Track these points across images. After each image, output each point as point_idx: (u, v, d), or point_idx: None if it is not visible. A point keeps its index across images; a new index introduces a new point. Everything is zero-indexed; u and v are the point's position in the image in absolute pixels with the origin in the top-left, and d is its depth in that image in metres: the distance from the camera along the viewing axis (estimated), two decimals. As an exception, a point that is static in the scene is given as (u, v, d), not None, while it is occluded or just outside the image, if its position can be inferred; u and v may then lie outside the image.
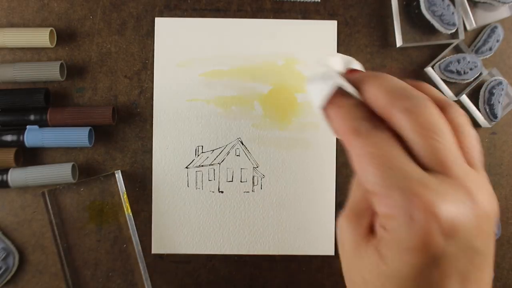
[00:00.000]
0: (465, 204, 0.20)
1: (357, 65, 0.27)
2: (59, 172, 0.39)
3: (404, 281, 0.20)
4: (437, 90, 0.24)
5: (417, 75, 0.43)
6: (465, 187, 0.20)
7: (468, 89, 0.42)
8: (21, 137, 0.39)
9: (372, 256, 0.21)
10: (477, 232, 0.20)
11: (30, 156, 0.41)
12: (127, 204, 0.41)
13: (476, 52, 0.43)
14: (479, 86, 0.42)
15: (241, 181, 0.42)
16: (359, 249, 0.22)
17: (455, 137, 0.22)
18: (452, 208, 0.20)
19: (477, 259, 0.21)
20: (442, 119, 0.22)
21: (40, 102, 0.39)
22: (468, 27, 0.43)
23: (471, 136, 0.23)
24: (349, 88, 0.24)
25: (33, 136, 0.39)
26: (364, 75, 0.24)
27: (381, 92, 0.22)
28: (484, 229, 0.21)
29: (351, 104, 0.23)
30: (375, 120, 0.22)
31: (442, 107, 0.23)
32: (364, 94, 0.23)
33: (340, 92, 0.23)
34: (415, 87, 0.23)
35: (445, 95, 0.43)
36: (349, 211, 0.24)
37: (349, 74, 0.25)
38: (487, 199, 0.21)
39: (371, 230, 0.22)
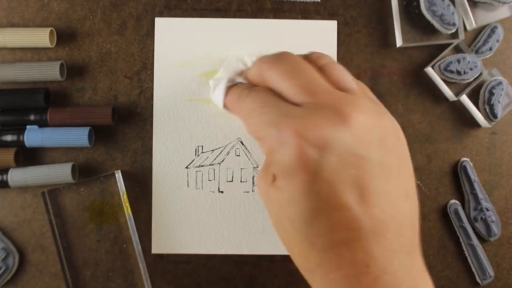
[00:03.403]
0: (335, 121, 0.22)
1: (249, 58, 0.34)
2: (59, 172, 0.39)
3: (302, 203, 0.22)
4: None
5: (417, 75, 0.43)
6: (334, 108, 0.23)
7: (468, 89, 0.42)
8: (21, 137, 0.39)
9: (274, 192, 0.23)
10: (357, 142, 0.22)
11: (30, 156, 0.41)
12: (127, 204, 0.41)
13: (476, 52, 0.43)
14: (479, 86, 0.42)
15: (241, 181, 0.42)
16: (268, 194, 0.24)
17: (323, 75, 0.25)
18: (319, 126, 0.22)
19: (367, 165, 0.22)
20: (301, 62, 0.26)
21: (40, 102, 0.39)
22: (468, 27, 0.43)
23: (336, 68, 0.26)
24: (238, 79, 0.32)
25: (33, 136, 0.39)
26: (247, 69, 0.31)
27: (253, 68, 0.28)
28: (368, 139, 0.22)
29: (237, 86, 0.29)
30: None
31: (305, 58, 0.27)
32: (247, 79, 0.30)
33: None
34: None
35: (445, 95, 0.43)
36: (260, 171, 0.27)
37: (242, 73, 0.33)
38: (365, 114, 0.23)
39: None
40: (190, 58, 0.42)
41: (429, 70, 0.42)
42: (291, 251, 0.25)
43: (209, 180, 0.42)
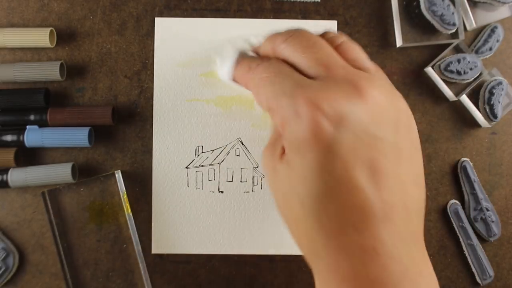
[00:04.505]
0: (351, 94, 0.21)
1: (255, 39, 0.33)
2: (59, 172, 0.39)
3: (314, 181, 0.21)
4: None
5: (417, 75, 0.43)
6: (350, 82, 0.21)
7: (468, 89, 0.42)
8: (21, 137, 0.39)
9: (283, 168, 0.22)
10: (372, 120, 0.21)
11: (30, 156, 0.41)
12: (127, 204, 0.41)
13: (476, 52, 0.43)
14: (479, 86, 0.42)
15: (241, 181, 0.42)
16: (275, 168, 0.23)
17: (339, 54, 0.24)
18: (335, 99, 0.21)
19: (380, 146, 0.21)
20: (318, 38, 0.24)
21: (40, 102, 0.39)
22: (468, 27, 0.43)
23: (353, 48, 0.25)
24: (248, 52, 0.30)
25: (33, 136, 0.39)
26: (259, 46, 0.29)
27: (266, 43, 0.27)
28: (383, 119, 0.21)
29: (247, 58, 0.28)
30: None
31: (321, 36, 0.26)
32: (259, 53, 0.28)
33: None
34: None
35: (445, 95, 0.43)
36: (268, 143, 0.26)
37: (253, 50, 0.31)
38: (381, 92, 0.22)
39: (282, 152, 0.24)
40: (190, 58, 0.42)
41: (429, 70, 0.42)
42: (295, 232, 0.23)
43: (209, 180, 0.42)
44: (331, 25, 0.43)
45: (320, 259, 0.22)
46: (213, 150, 0.42)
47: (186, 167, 0.42)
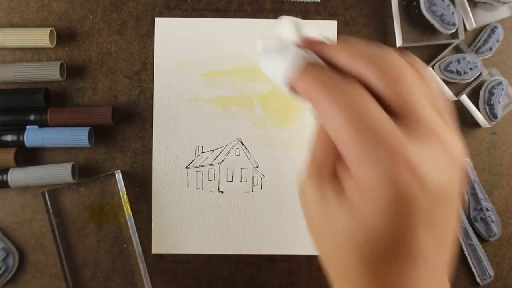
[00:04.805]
0: (441, 156, 0.20)
1: (308, 28, 0.27)
2: (59, 172, 0.39)
3: (379, 230, 0.20)
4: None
5: (417, 75, 0.43)
6: (435, 134, 0.21)
7: (468, 89, 0.42)
8: (21, 137, 0.39)
9: (342, 210, 0.21)
10: (450, 181, 0.21)
11: (30, 156, 0.41)
12: (127, 204, 0.41)
13: (476, 52, 0.42)
14: (479, 86, 0.42)
15: (241, 181, 0.42)
16: (328, 206, 0.22)
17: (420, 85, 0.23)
18: (429, 165, 0.20)
19: (449, 207, 0.21)
20: (408, 68, 0.22)
21: (40, 102, 0.39)
22: (468, 27, 0.43)
23: (435, 83, 0.23)
24: (311, 57, 0.24)
25: (33, 136, 0.39)
26: (325, 44, 0.25)
27: (345, 52, 0.23)
28: (456, 180, 0.21)
29: (315, 65, 0.23)
30: (342, 76, 0.22)
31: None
32: (328, 59, 0.23)
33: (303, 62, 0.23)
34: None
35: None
36: (311, 170, 0.23)
37: (308, 44, 0.25)
38: (456, 144, 0.22)
39: (334, 182, 0.22)
40: (190, 58, 0.42)
41: (429, 70, 0.42)
42: (331, 262, 0.23)
43: (209, 180, 0.42)
44: (331, 25, 0.43)
45: (347, 284, 0.22)
46: (213, 150, 0.42)
47: (186, 167, 0.42)
